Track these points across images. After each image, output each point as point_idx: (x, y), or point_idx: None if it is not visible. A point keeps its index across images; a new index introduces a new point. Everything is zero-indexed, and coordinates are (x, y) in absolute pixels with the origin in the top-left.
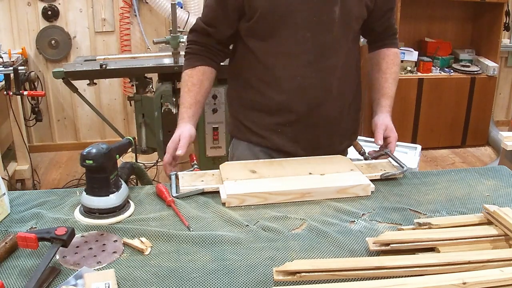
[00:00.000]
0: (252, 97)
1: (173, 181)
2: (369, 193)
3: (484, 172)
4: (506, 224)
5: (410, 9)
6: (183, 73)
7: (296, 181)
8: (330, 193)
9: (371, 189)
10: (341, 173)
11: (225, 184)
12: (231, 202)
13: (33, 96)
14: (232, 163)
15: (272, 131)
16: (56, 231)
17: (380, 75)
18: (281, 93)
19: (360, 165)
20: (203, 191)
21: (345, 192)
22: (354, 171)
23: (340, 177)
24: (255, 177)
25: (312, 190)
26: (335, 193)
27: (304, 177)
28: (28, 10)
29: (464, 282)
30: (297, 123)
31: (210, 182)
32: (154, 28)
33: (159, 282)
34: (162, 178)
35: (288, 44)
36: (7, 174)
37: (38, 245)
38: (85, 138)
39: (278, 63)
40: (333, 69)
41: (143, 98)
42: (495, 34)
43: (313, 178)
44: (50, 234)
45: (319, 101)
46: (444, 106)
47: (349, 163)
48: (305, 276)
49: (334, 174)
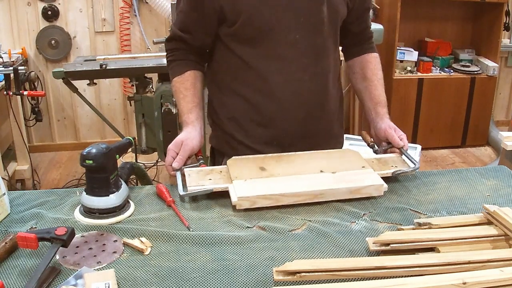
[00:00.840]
0: (241, 106)
1: (179, 178)
2: (382, 193)
3: (484, 172)
4: (506, 224)
5: (410, 9)
6: (173, 82)
7: (307, 181)
8: (342, 193)
9: (384, 189)
10: (353, 171)
11: (235, 184)
12: (242, 204)
13: (33, 96)
14: (240, 158)
15: (266, 144)
16: (56, 231)
17: (368, 84)
18: (276, 100)
19: (371, 160)
20: (212, 191)
21: (358, 192)
22: (366, 168)
23: (353, 176)
24: (265, 176)
25: (324, 191)
26: (348, 194)
27: (316, 176)
28: (28, 10)
29: (464, 282)
30: (293, 132)
31: (219, 181)
32: (154, 28)
33: (159, 282)
34: (162, 178)
35: (280, 47)
36: (7, 174)
37: (38, 245)
38: (85, 138)
39: (271, 68)
40: (327, 73)
41: (143, 98)
42: (495, 34)
43: (324, 177)
44: (50, 234)
45: (316, 107)
46: (444, 106)
47: (360, 159)
48: (305, 276)
49: (345, 172)
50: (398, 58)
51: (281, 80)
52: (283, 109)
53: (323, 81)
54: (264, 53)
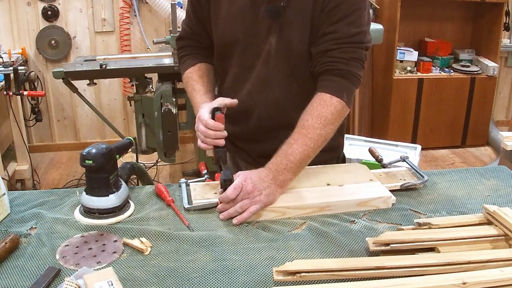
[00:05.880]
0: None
1: (184, 190)
2: (390, 205)
3: (484, 172)
4: (506, 224)
5: (410, 9)
6: (184, 75)
7: (314, 193)
8: (349, 206)
9: (392, 202)
10: (360, 184)
11: None
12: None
13: (33, 96)
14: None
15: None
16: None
17: (293, 133)
18: (230, 109)
19: (378, 174)
20: (217, 204)
21: (366, 205)
22: (374, 181)
23: (360, 188)
24: None
25: (331, 204)
26: (355, 206)
27: (322, 189)
28: (28, 10)
29: (464, 282)
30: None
31: None
32: (154, 28)
33: (159, 282)
34: (162, 178)
35: (237, 70)
36: (7, 174)
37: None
38: (85, 138)
39: (227, 86)
40: (274, 103)
41: (143, 98)
42: (495, 34)
43: (331, 189)
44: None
45: (273, 131)
46: (444, 106)
47: (367, 173)
48: (305, 276)
49: (353, 185)
50: (398, 58)
51: (238, 96)
52: (240, 121)
53: (272, 109)
54: (225, 70)
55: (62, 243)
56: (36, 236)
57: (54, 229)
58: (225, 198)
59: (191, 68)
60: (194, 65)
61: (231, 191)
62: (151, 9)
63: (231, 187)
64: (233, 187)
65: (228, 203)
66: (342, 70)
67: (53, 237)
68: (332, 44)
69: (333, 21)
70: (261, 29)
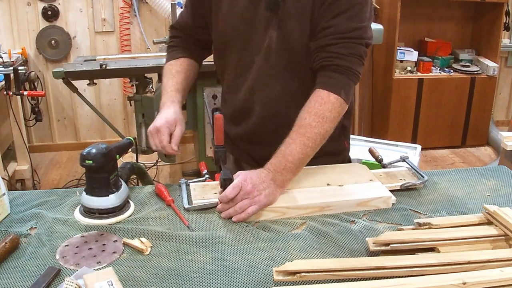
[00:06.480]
0: (229, 103)
1: (184, 190)
2: (390, 205)
3: (484, 172)
4: (506, 224)
5: (410, 9)
6: (166, 65)
7: (314, 194)
8: (349, 206)
9: (392, 202)
10: (361, 184)
11: None
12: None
13: (33, 96)
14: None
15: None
16: None
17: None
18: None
19: (378, 174)
20: (217, 204)
21: (366, 205)
22: (374, 181)
23: (360, 188)
24: None
25: (331, 204)
26: (355, 206)
27: (323, 189)
28: (28, 10)
29: (464, 282)
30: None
31: None
32: (154, 28)
33: (159, 282)
34: (163, 178)
35: (237, 67)
36: (7, 174)
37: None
38: (85, 138)
39: (228, 84)
40: (275, 99)
41: (143, 98)
42: (495, 34)
43: (331, 189)
44: None
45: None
46: (444, 106)
47: (367, 173)
48: (305, 276)
49: (353, 185)
50: (398, 58)
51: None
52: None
53: (272, 107)
54: (225, 67)
55: (62, 243)
56: (36, 236)
57: (54, 229)
58: (224, 197)
59: (173, 61)
60: (177, 58)
61: (230, 191)
62: (151, 9)
63: (230, 186)
64: (232, 186)
65: (228, 202)
66: (340, 66)
67: (53, 237)
68: (330, 39)
69: (333, 15)
70: (261, 23)
